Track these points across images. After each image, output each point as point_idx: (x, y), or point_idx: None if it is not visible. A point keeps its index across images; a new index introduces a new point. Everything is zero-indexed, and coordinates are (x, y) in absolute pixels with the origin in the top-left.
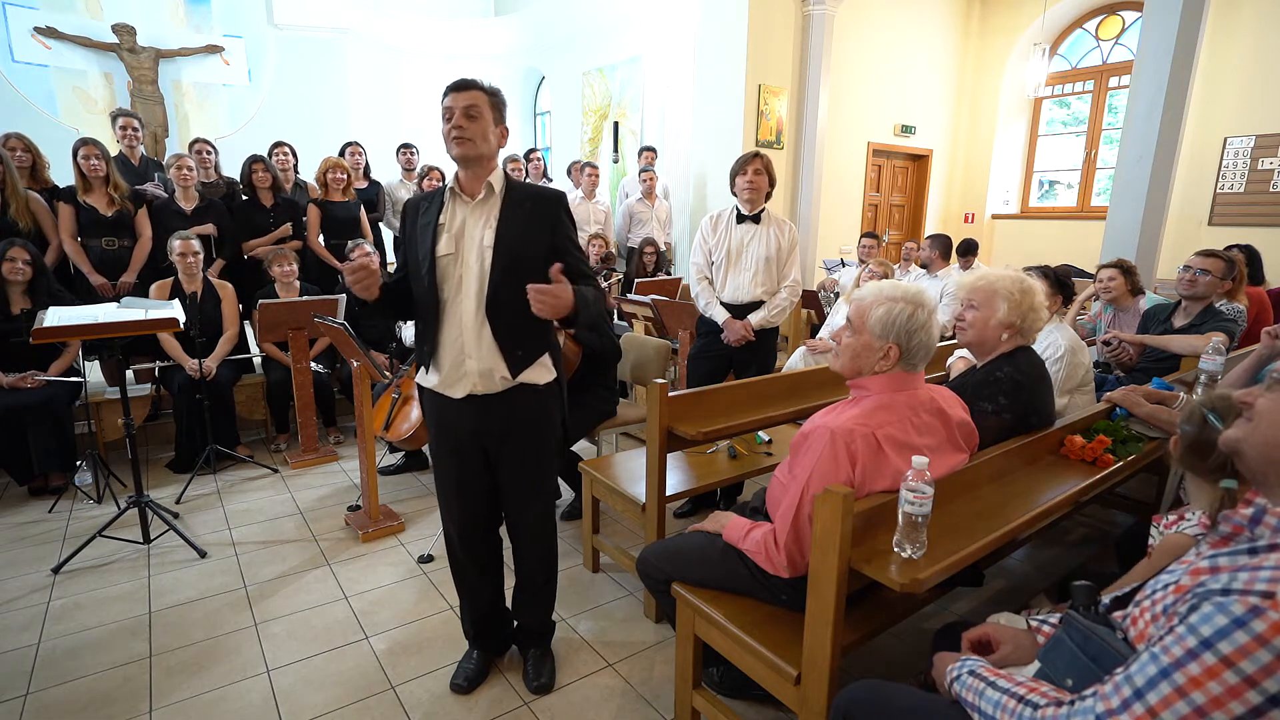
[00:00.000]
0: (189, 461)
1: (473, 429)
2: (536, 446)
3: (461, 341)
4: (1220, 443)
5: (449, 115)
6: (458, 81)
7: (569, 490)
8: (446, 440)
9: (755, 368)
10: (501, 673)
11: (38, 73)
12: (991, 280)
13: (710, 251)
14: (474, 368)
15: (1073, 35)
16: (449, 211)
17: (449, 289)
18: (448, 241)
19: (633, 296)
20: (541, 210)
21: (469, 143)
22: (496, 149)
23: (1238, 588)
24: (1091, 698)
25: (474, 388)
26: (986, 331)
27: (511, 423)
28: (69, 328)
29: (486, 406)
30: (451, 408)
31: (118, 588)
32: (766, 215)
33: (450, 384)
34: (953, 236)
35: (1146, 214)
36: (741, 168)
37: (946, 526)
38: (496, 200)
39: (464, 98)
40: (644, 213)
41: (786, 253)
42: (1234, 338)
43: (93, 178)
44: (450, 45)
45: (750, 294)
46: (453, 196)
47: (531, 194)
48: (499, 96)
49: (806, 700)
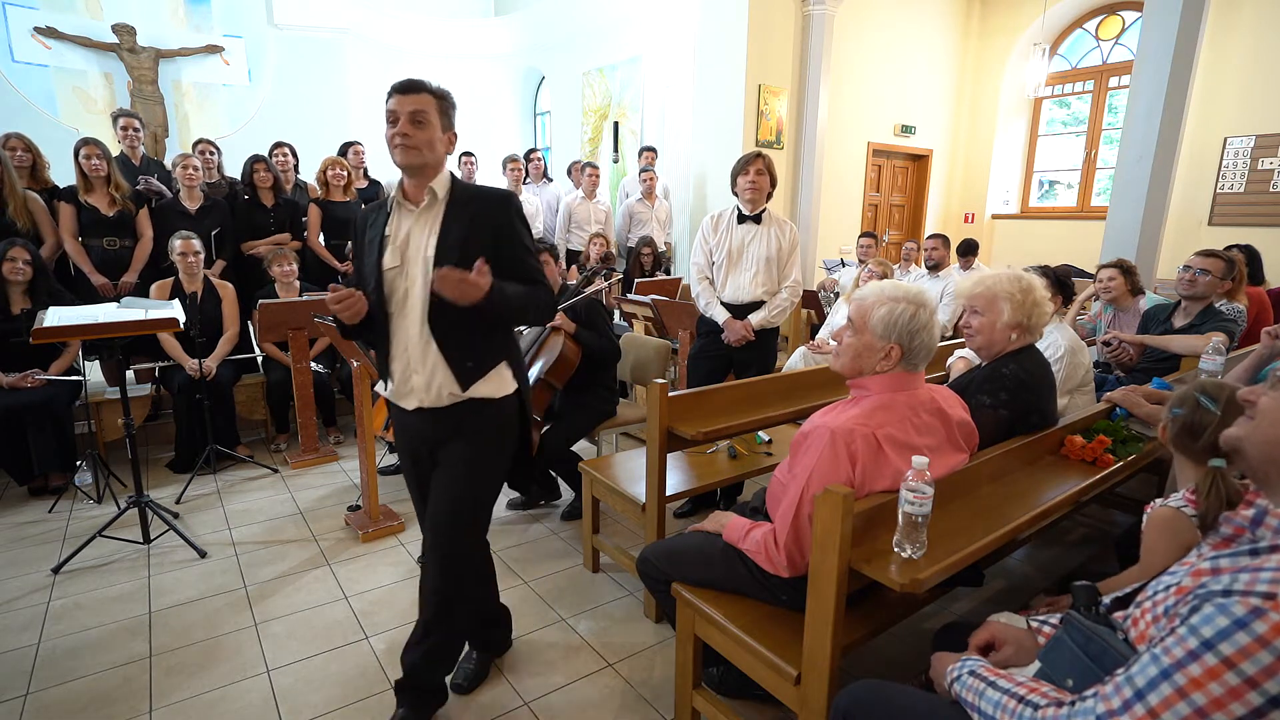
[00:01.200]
0: (189, 461)
1: (426, 437)
2: (475, 458)
3: (408, 356)
4: (1221, 441)
5: (393, 119)
6: (404, 83)
7: (569, 490)
8: (406, 447)
9: (756, 368)
10: (502, 673)
11: (38, 73)
12: (990, 284)
13: (711, 251)
14: (419, 383)
15: (1073, 35)
16: (394, 222)
17: (395, 303)
18: (392, 254)
19: (633, 296)
20: (485, 214)
21: (414, 151)
22: (444, 155)
23: (1239, 589)
24: (1092, 698)
25: (421, 400)
26: (994, 334)
27: (455, 436)
28: (69, 328)
29: (436, 418)
30: (407, 416)
31: (118, 588)
32: (768, 215)
33: (401, 396)
34: (952, 237)
35: (1146, 214)
36: (743, 168)
37: (946, 526)
38: (440, 207)
39: (410, 101)
40: (644, 213)
41: (787, 253)
42: (1234, 338)
43: (94, 177)
44: (450, 45)
45: (751, 294)
46: (397, 206)
47: (475, 197)
48: (448, 100)
49: (806, 700)
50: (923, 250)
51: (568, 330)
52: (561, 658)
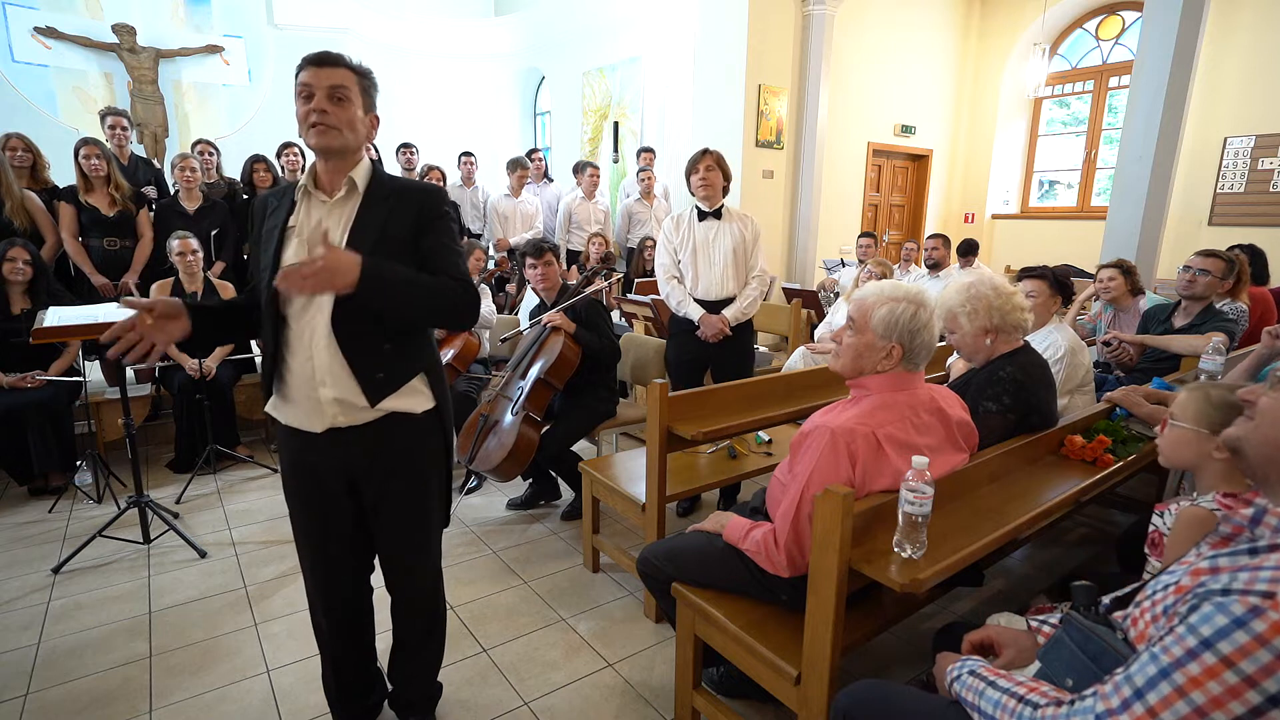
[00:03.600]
0: (189, 461)
1: (337, 467)
2: (418, 491)
3: (313, 365)
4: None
5: (306, 94)
6: (319, 55)
7: (569, 490)
8: (305, 484)
9: (733, 365)
10: (502, 673)
11: (38, 73)
12: (944, 302)
13: (675, 250)
14: (328, 395)
15: (1073, 35)
16: (301, 212)
17: (296, 304)
18: (298, 247)
19: (633, 296)
20: (405, 208)
21: (333, 132)
22: (365, 140)
23: (1238, 588)
24: (1091, 697)
25: (334, 419)
26: (968, 344)
27: (383, 460)
28: (69, 328)
29: (350, 440)
30: (311, 445)
31: (118, 588)
32: (726, 211)
33: (305, 416)
34: (952, 237)
35: (1146, 214)
36: (694, 166)
37: (946, 526)
38: (357, 199)
39: (328, 75)
40: (642, 213)
41: (751, 244)
42: (1234, 338)
43: (94, 177)
44: (450, 45)
45: (721, 290)
46: (306, 195)
47: (397, 189)
48: (370, 78)
49: (806, 700)
50: (923, 250)
51: (567, 330)
52: (561, 658)
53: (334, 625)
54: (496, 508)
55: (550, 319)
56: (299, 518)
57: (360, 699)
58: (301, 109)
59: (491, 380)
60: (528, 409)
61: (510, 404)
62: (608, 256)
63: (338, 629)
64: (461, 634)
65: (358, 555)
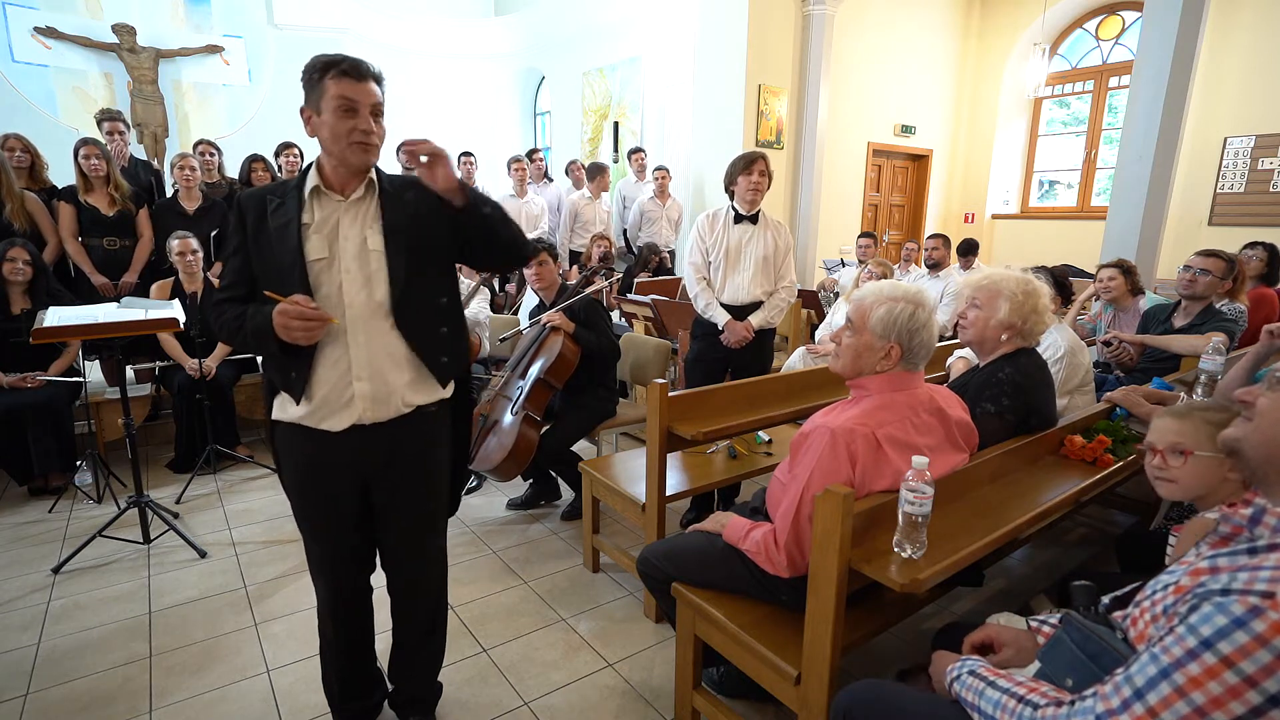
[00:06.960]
0: (189, 461)
1: (352, 465)
2: (428, 483)
3: (348, 361)
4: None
5: (348, 108)
6: (356, 67)
7: (569, 490)
8: (319, 487)
9: (754, 370)
10: (502, 673)
11: (38, 73)
12: (996, 280)
13: (708, 251)
14: (365, 390)
15: (1073, 35)
16: (314, 210)
17: (320, 301)
18: (319, 244)
19: (633, 296)
20: (424, 191)
21: (376, 150)
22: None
23: (1237, 588)
24: (1091, 698)
25: (361, 415)
26: (986, 331)
27: (399, 457)
28: (69, 328)
29: (370, 437)
30: (327, 444)
31: (118, 588)
32: (763, 216)
33: (328, 415)
34: (952, 237)
35: (1146, 214)
36: (746, 168)
37: (946, 526)
38: (374, 197)
39: (370, 93)
40: (654, 211)
41: (783, 254)
42: (1234, 338)
43: (94, 177)
44: (450, 45)
45: (749, 295)
46: (316, 194)
47: (410, 183)
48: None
49: (806, 700)
50: (923, 250)
51: (567, 330)
52: (561, 658)
53: (340, 624)
54: (496, 508)
55: (550, 318)
56: (312, 524)
57: (361, 699)
58: (344, 124)
59: (491, 380)
60: (527, 409)
61: (510, 404)
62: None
63: (344, 628)
64: (461, 634)
65: (363, 554)
